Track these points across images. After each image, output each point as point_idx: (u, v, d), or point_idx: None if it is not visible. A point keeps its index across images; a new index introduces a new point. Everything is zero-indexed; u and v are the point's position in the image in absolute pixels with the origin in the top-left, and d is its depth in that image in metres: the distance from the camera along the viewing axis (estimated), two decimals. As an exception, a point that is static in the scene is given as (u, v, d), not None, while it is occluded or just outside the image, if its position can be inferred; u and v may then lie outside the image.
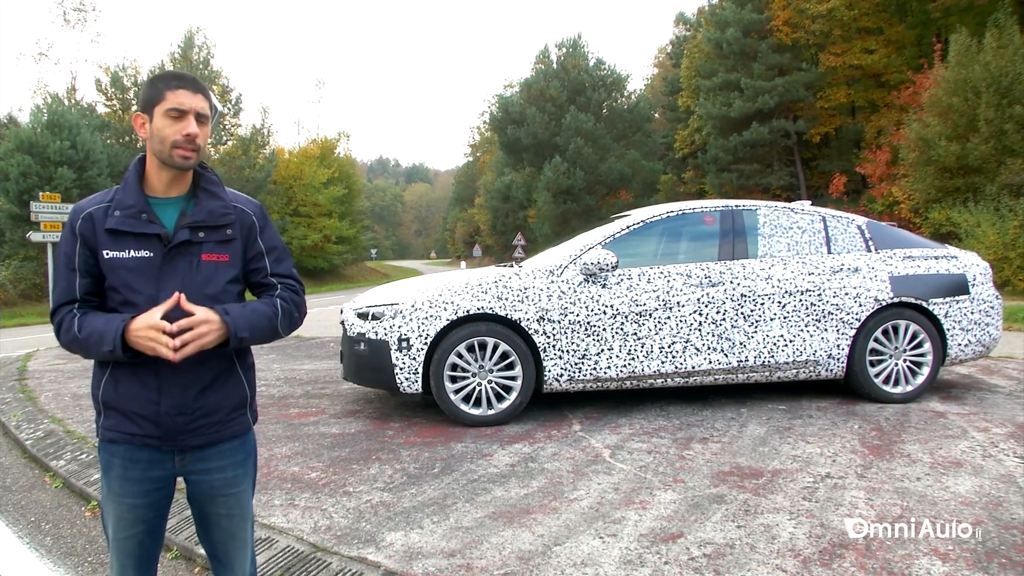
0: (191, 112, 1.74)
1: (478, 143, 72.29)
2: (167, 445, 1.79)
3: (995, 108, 18.85)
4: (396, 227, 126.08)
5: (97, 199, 1.79)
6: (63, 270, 1.77)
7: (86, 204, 1.79)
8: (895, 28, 28.95)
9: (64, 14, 37.35)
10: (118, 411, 1.78)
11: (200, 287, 1.77)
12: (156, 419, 1.76)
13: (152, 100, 1.74)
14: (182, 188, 1.82)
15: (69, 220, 1.77)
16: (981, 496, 3.41)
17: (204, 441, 1.83)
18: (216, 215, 1.82)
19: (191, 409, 1.79)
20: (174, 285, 1.74)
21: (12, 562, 3.23)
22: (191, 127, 1.73)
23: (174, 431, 1.78)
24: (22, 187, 22.64)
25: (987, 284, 5.66)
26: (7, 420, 5.76)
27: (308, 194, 40.58)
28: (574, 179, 38.03)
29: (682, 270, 5.27)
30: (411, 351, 4.92)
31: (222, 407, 1.85)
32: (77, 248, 1.75)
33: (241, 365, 1.91)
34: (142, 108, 1.77)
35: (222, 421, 1.86)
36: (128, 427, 1.77)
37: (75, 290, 1.75)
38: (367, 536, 3.10)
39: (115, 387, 1.77)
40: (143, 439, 1.78)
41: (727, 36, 32.06)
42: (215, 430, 1.85)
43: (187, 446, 1.82)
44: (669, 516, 3.24)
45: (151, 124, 1.75)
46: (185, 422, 1.79)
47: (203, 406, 1.81)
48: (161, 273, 1.74)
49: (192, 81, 1.77)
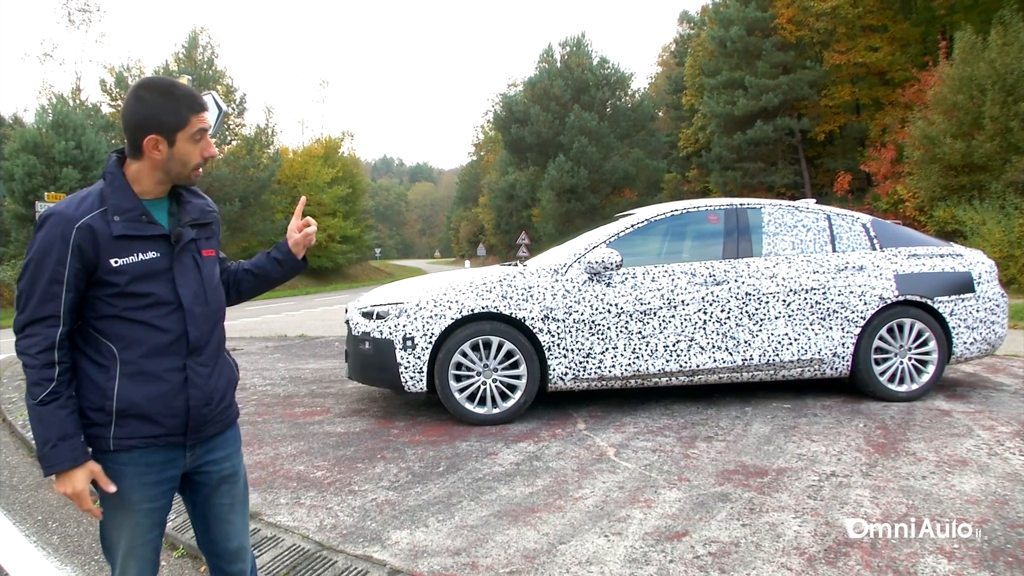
0: (208, 131, 1.78)
1: (482, 142, 72.35)
2: (190, 439, 1.81)
3: (1000, 105, 18.77)
4: (400, 226, 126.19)
5: (85, 206, 1.67)
6: (44, 282, 1.64)
7: (75, 213, 1.65)
8: (900, 25, 28.85)
9: (69, 15, 37.49)
10: (137, 416, 1.71)
11: (209, 279, 1.85)
12: (184, 416, 1.77)
13: (175, 125, 1.70)
14: (167, 189, 1.82)
15: (55, 229, 1.63)
16: (987, 495, 3.40)
17: (218, 428, 1.88)
18: (205, 212, 1.89)
19: (212, 398, 1.83)
20: (189, 281, 1.78)
21: (19, 560, 3.25)
22: (212, 148, 1.78)
23: (200, 423, 1.81)
24: (27, 187, 22.73)
25: (992, 282, 5.64)
26: (13, 419, 5.78)
27: (312, 193, 40.61)
28: (578, 178, 38.03)
29: (686, 268, 5.26)
30: (416, 350, 4.92)
31: (229, 389, 1.92)
32: (69, 261, 1.63)
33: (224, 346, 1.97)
34: (158, 131, 1.68)
35: (228, 405, 1.93)
36: (149, 430, 1.73)
37: (59, 305, 1.65)
38: (372, 534, 3.11)
39: (134, 392, 1.70)
40: (165, 439, 1.76)
41: (731, 34, 32.00)
42: (225, 415, 1.91)
43: (205, 437, 1.85)
44: (674, 515, 3.24)
45: (172, 148, 1.71)
46: (208, 412, 1.82)
47: (218, 391, 1.86)
48: (175, 272, 1.76)
49: (201, 100, 1.78)
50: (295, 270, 2.15)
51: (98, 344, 1.72)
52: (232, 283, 2.11)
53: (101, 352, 1.71)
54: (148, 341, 1.72)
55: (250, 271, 2.12)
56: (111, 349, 1.71)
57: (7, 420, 5.91)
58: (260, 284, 2.14)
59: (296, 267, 2.14)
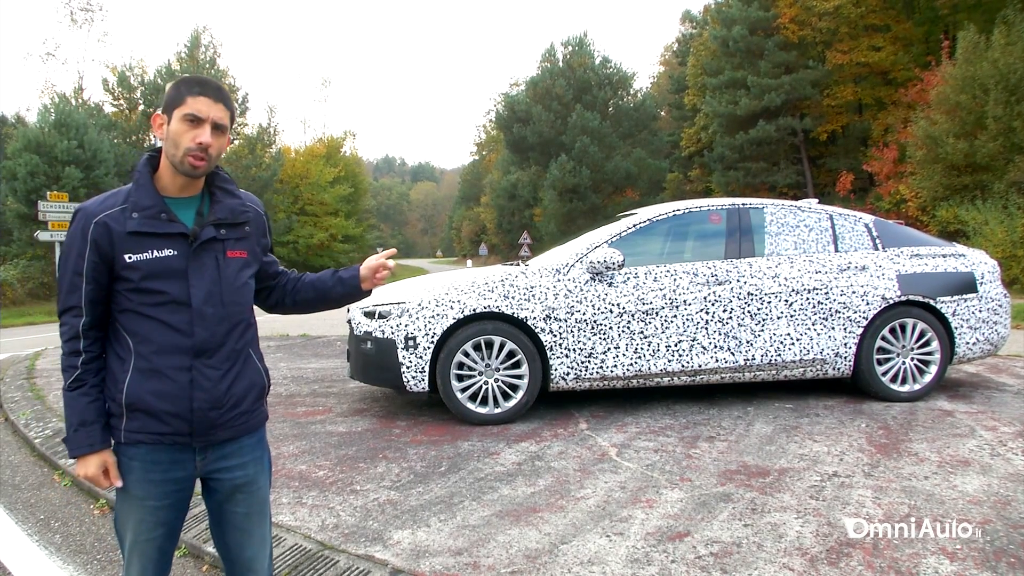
0: (208, 120, 1.74)
1: (484, 142, 72.28)
2: (198, 442, 1.80)
3: (1003, 105, 18.75)
4: (402, 226, 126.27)
5: (108, 203, 1.75)
6: (69, 273, 1.74)
7: (96, 209, 1.74)
8: (902, 25, 28.81)
9: (71, 14, 37.55)
10: (145, 412, 1.74)
11: (229, 282, 1.82)
12: (189, 416, 1.76)
13: (173, 103, 1.74)
14: (196, 188, 1.83)
15: (78, 224, 1.73)
16: (989, 495, 3.40)
17: (231, 434, 1.85)
18: (236, 212, 1.86)
19: (222, 403, 1.80)
20: (204, 281, 1.77)
21: (22, 560, 3.25)
22: (204, 136, 1.73)
23: (206, 426, 1.79)
24: (30, 186, 22.78)
25: (995, 282, 5.63)
26: (16, 419, 5.79)
27: (314, 193, 40.67)
28: (580, 177, 37.99)
29: (689, 268, 5.26)
30: (418, 350, 4.92)
31: (247, 397, 1.88)
32: (87, 254, 1.71)
33: (255, 352, 1.94)
34: (163, 109, 1.77)
35: (247, 412, 1.88)
36: (156, 427, 1.75)
37: (80, 296, 1.73)
38: (374, 534, 3.11)
39: (141, 387, 1.74)
40: (172, 438, 1.77)
41: (733, 34, 31.96)
42: (242, 422, 1.87)
43: (215, 441, 1.83)
44: (676, 515, 3.24)
45: (168, 126, 1.74)
46: (216, 416, 1.80)
47: (232, 397, 1.83)
48: (189, 271, 1.75)
49: (216, 90, 1.77)
50: (354, 296, 2.13)
51: (120, 337, 1.77)
52: (290, 291, 2.12)
53: (122, 345, 1.77)
54: (159, 338, 1.73)
55: (312, 283, 2.12)
56: (129, 343, 1.75)
57: (9, 419, 5.92)
58: (319, 298, 2.14)
59: (357, 294, 2.13)
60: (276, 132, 40.08)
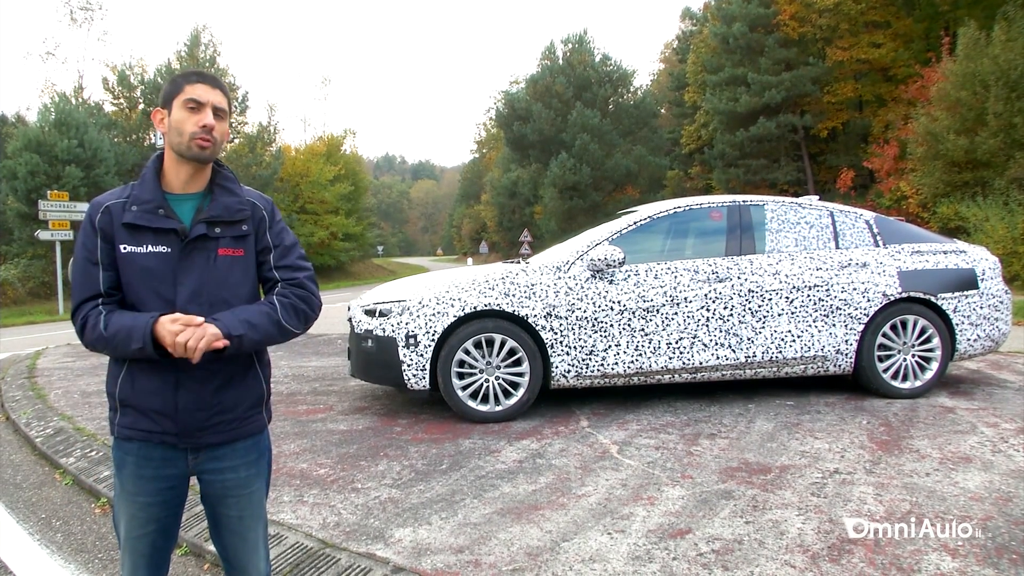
0: (208, 104, 1.77)
1: (484, 139, 72.28)
2: (184, 442, 1.80)
3: (1004, 102, 18.72)
4: (402, 224, 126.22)
5: (116, 194, 1.80)
6: (83, 264, 1.76)
7: (105, 198, 1.79)
8: (903, 22, 28.75)
9: (71, 13, 37.41)
10: (135, 408, 1.78)
11: (218, 281, 1.79)
12: (174, 415, 1.76)
13: (171, 94, 1.78)
14: (200, 185, 1.83)
15: (88, 214, 1.78)
16: (991, 492, 3.39)
17: (221, 439, 1.84)
18: (232, 210, 1.83)
19: (209, 405, 1.79)
20: (192, 280, 1.75)
21: (23, 559, 3.25)
22: (208, 118, 1.76)
23: (192, 427, 1.79)
24: (30, 185, 22.78)
25: (996, 279, 5.63)
26: (17, 418, 5.79)
27: (315, 191, 40.66)
28: (580, 175, 37.99)
29: (689, 266, 5.25)
30: (418, 348, 4.92)
31: (240, 404, 1.86)
32: (98, 242, 1.75)
33: (259, 362, 1.93)
34: (162, 103, 1.81)
35: (239, 419, 1.87)
36: (145, 424, 1.78)
37: (98, 284, 1.74)
38: (376, 532, 3.11)
39: (132, 384, 1.77)
40: (160, 436, 1.78)
41: (733, 31, 31.92)
42: (232, 427, 1.85)
43: (203, 443, 1.82)
44: (677, 512, 3.24)
45: (170, 117, 1.77)
46: (203, 418, 1.79)
47: (221, 402, 1.81)
48: (179, 268, 1.75)
49: (212, 78, 1.82)
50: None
51: None
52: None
53: None
54: None
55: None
56: None
57: (11, 419, 5.92)
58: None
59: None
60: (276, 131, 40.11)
